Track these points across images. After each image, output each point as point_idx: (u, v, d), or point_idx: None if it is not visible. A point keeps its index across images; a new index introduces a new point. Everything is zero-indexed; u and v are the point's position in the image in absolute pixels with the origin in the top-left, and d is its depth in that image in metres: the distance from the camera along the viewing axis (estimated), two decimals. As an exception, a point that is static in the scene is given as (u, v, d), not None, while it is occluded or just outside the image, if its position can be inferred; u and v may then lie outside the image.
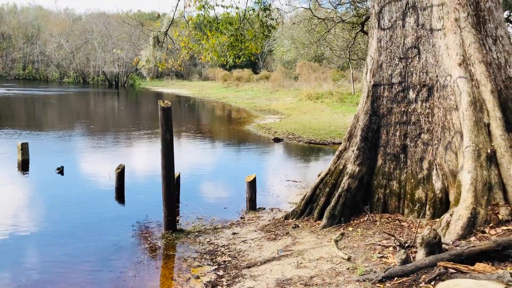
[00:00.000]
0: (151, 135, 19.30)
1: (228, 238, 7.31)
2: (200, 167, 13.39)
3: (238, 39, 8.06)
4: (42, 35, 77.70)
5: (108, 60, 66.73)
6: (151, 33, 8.55)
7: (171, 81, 67.87)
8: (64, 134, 19.00)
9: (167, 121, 7.48)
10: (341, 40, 24.33)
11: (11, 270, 6.20)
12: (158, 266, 6.47)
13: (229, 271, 5.91)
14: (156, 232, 7.70)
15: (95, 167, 12.59)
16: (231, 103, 37.77)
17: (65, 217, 8.55)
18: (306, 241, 6.57)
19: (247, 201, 8.99)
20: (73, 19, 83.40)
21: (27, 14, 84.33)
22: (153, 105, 33.89)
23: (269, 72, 50.62)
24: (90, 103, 38.54)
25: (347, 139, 7.76)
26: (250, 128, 21.93)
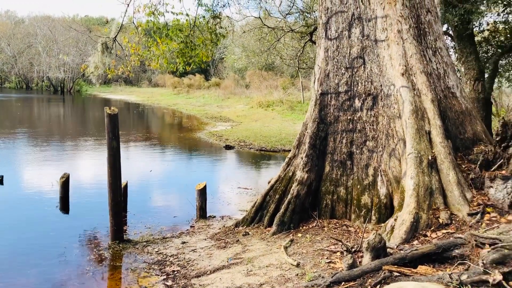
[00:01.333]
0: (97, 142, 18.73)
1: (178, 247, 7.20)
2: (149, 175, 13.13)
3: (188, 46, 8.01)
4: (-19, 38, 73.86)
5: (53, 65, 64.34)
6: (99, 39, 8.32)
7: (120, 87, 66.38)
8: (5, 142, 18.09)
9: (113, 128, 7.30)
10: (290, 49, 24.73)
11: None
12: (105, 278, 6.26)
13: (178, 281, 5.81)
14: (103, 243, 7.46)
15: (38, 176, 12.05)
16: (181, 110, 37.39)
17: (5, 228, 8.12)
18: (256, 249, 6.58)
19: (197, 209, 8.90)
20: (15, 22, 79.90)
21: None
22: (100, 112, 32.94)
23: (220, 80, 50.64)
24: (34, 109, 36.97)
25: (296, 147, 7.87)
26: (201, 135, 21.79)
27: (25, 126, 24.93)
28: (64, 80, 64.82)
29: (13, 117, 29.46)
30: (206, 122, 28.18)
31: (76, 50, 63.21)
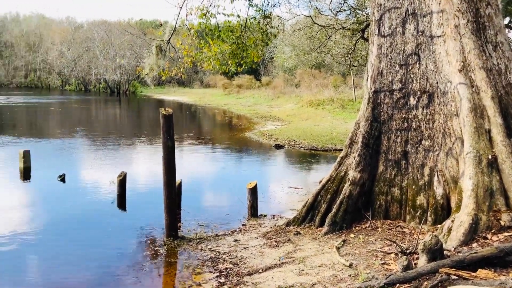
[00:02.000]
0: (152, 142, 19.33)
1: (230, 245, 7.30)
2: (201, 174, 13.41)
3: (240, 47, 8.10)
4: (44, 43, 78.18)
5: (109, 68, 67.03)
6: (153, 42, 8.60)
7: (173, 89, 68.07)
8: (66, 142, 19.05)
9: (168, 129, 7.51)
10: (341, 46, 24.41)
11: (13, 280, 6.19)
12: (160, 273, 6.47)
13: (231, 278, 5.90)
14: (158, 239, 7.70)
15: (96, 175, 12.61)
16: (232, 110, 37.84)
17: (67, 224, 8.56)
18: (307, 248, 6.57)
19: (248, 208, 8.99)
20: (75, 27, 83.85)
21: (30, 22, 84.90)
22: (154, 113, 33.98)
23: (270, 79, 50.75)
24: (92, 110, 38.64)
25: (348, 146, 7.77)
26: (251, 135, 21.96)
27: (84, 126, 26.13)
28: (120, 82, 67.34)
29: (73, 118, 30.95)
30: (256, 122, 28.36)
31: (131, 53, 65.49)
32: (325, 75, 40.74)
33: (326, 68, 40.69)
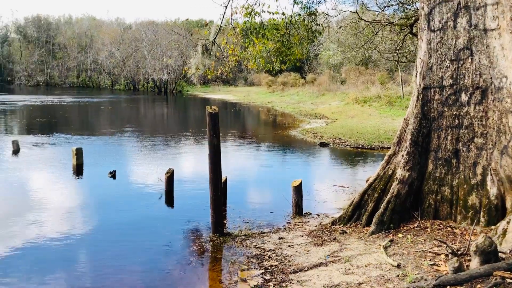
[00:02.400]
0: (198, 140, 19.66)
1: (275, 242, 7.32)
2: (246, 171, 13.51)
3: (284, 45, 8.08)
4: (94, 44, 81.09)
5: (157, 68, 68.72)
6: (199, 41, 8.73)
7: (218, 87, 68.88)
8: (116, 139, 19.70)
9: (214, 127, 7.61)
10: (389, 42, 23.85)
11: (65, 272, 6.47)
12: (206, 269, 6.58)
13: (276, 276, 5.92)
14: (204, 235, 7.83)
15: (145, 171, 12.96)
16: (276, 108, 37.84)
17: (117, 219, 8.85)
18: (354, 247, 6.48)
19: (293, 206, 8.97)
20: (124, 28, 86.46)
21: (81, 24, 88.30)
22: (200, 111, 34.53)
23: (315, 76, 50.34)
24: (140, 109, 39.75)
25: (396, 144, 7.60)
26: (296, 132, 21.88)
27: (133, 125, 26.93)
28: (167, 81, 68.89)
29: (122, 117, 31.96)
30: (301, 120, 28.23)
31: (178, 53, 66.85)
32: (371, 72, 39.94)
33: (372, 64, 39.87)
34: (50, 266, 6.56)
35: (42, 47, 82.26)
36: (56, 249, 7.22)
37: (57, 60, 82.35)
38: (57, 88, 72.84)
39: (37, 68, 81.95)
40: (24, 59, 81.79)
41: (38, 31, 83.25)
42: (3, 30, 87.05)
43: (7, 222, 8.40)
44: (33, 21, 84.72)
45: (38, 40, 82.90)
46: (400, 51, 21.56)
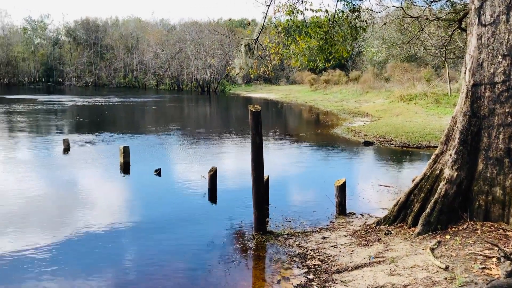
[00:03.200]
0: (241, 138, 19.80)
1: (318, 242, 7.27)
2: (288, 170, 13.48)
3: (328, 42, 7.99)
4: (140, 45, 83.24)
5: (200, 67, 69.73)
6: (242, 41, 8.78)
7: (260, 86, 69.11)
8: (161, 138, 20.16)
9: (256, 125, 7.63)
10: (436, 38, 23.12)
11: (109, 266, 6.68)
12: (249, 267, 6.62)
13: (319, 275, 5.88)
14: (247, 233, 7.88)
15: (189, 169, 13.19)
16: (318, 106, 37.55)
17: (162, 216, 9.06)
18: (399, 248, 6.34)
19: (336, 205, 8.88)
20: (168, 29, 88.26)
21: (128, 26, 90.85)
22: (242, 110, 34.76)
23: (358, 74, 49.54)
24: (184, 108, 40.45)
25: (444, 142, 7.37)
26: (339, 131, 21.62)
27: (177, 124, 27.46)
28: (210, 80, 69.79)
29: (167, 116, 32.65)
30: (344, 118, 27.87)
31: (221, 52, 67.55)
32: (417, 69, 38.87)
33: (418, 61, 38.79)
34: (96, 261, 6.78)
35: (91, 49, 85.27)
36: (102, 245, 7.46)
37: (105, 61, 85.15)
38: (105, 89, 75.29)
39: (85, 69, 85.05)
40: (74, 60, 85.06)
41: (86, 34, 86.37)
42: (54, 33, 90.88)
43: (58, 218, 8.77)
44: (82, 24, 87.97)
45: (86, 42, 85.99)
46: (448, 47, 20.84)
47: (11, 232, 7.87)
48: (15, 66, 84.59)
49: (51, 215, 8.94)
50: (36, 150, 16.71)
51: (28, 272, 6.29)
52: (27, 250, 7.06)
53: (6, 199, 9.93)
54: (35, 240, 7.49)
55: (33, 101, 42.61)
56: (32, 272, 6.29)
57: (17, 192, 10.45)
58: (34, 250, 7.05)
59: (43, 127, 24.22)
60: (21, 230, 7.99)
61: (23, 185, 11.10)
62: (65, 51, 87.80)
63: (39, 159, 14.80)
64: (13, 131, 21.94)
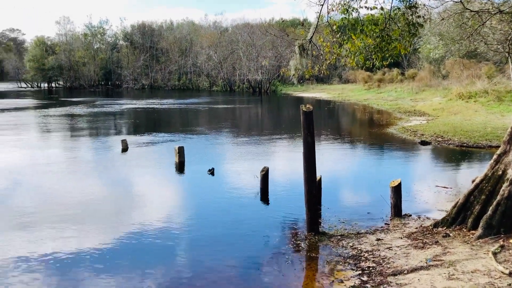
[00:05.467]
0: (292, 139, 19.77)
1: (372, 243, 7.14)
2: (341, 170, 13.31)
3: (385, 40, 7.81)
4: (194, 48, 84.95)
5: (252, 68, 70.25)
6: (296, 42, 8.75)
7: (311, 86, 68.57)
8: (214, 139, 20.51)
9: (309, 125, 7.60)
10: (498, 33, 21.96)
11: (163, 263, 6.85)
12: (302, 267, 6.61)
13: (374, 277, 5.78)
14: (299, 233, 7.87)
15: (241, 169, 13.34)
16: (372, 105, 36.80)
17: (215, 214, 9.22)
18: (458, 252, 6.11)
19: (391, 207, 8.67)
20: (221, 31, 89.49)
21: (182, 29, 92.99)
22: (293, 110, 34.66)
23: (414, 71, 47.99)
24: (236, 109, 40.90)
25: (507, 142, 7.01)
26: (394, 130, 21.09)
27: (230, 124, 27.82)
28: (261, 81, 70.12)
29: (219, 117, 33.14)
30: (399, 117, 27.15)
31: (273, 53, 67.71)
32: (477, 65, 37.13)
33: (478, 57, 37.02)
34: (151, 258, 6.99)
35: (147, 52, 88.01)
36: (157, 242, 7.68)
37: (160, 64, 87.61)
38: (160, 91, 77.52)
39: (142, 72, 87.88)
40: (131, 64, 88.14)
41: (143, 38, 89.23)
42: (112, 38, 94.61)
43: (116, 215, 9.15)
44: (139, 28, 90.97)
45: (143, 46, 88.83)
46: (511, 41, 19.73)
47: (72, 228, 8.29)
48: (77, 70, 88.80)
49: (110, 213, 9.33)
50: (96, 150, 17.50)
51: (87, 267, 6.62)
52: (87, 245, 7.41)
53: (68, 197, 10.47)
54: (94, 236, 7.86)
55: (93, 103, 44.64)
56: (90, 267, 6.61)
57: (78, 190, 10.99)
58: (93, 246, 7.39)
59: (103, 129, 25.31)
60: (82, 226, 8.40)
61: (84, 184, 11.67)
62: (122, 55, 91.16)
63: (99, 159, 15.49)
64: (75, 133, 23.10)
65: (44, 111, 35.75)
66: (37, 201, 10.04)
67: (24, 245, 7.45)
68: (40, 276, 6.31)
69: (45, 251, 7.18)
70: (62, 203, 9.86)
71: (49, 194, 10.66)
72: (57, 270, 6.52)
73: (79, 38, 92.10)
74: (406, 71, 50.40)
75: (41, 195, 10.60)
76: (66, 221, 8.64)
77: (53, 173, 12.81)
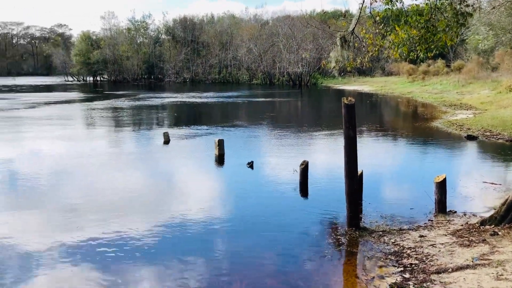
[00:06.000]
0: (333, 132, 19.53)
1: (415, 240, 6.96)
2: (383, 165, 13.04)
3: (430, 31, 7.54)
4: (234, 41, 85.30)
5: (292, 61, 69.85)
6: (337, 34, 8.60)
7: (353, 78, 67.48)
8: (254, 132, 20.56)
9: (350, 118, 7.46)
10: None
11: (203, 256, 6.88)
12: (342, 262, 6.53)
13: (416, 275, 5.63)
14: (339, 228, 7.77)
15: (280, 163, 13.29)
16: (416, 98, 35.84)
17: (254, 208, 9.23)
18: (507, 251, 5.86)
19: (435, 203, 8.41)
20: (261, 24, 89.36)
21: (222, 23, 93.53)
22: (334, 103, 34.23)
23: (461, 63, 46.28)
24: (275, 102, 40.81)
25: (562, 137, 6.64)
26: (439, 124, 20.46)
27: (269, 117, 27.78)
28: (301, 74, 69.63)
29: (259, 110, 33.16)
30: (444, 111, 26.30)
31: (313, 45, 67.07)
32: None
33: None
34: (190, 250, 7.05)
35: (188, 46, 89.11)
36: (196, 233, 7.77)
37: (201, 57, 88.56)
38: (201, 84, 78.42)
39: (183, 66, 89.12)
40: (173, 58, 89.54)
41: (184, 32, 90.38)
42: (155, 32, 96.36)
43: (156, 206, 9.33)
44: (180, 22, 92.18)
45: (184, 39, 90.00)
46: None
47: (115, 218, 8.50)
48: (121, 64, 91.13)
49: (152, 203, 9.53)
50: (139, 142, 17.94)
51: (128, 256, 6.77)
52: (129, 235, 7.59)
53: (112, 187, 10.78)
54: (136, 226, 8.02)
55: (135, 97, 45.71)
56: (132, 257, 6.76)
57: (122, 181, 11.30)
58: (135, 236, 7.56)
59: (146, 121, 25.89)
60: (124, 216, 8.60)
61: (127, 175, 11.99)
62: (164, 49, 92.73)
63: (142, 151, 15.87)
64: (118, 125, 23.75)
65: (89, 104, 36.97)
66: (82, 191, 10.38)
67: (67, 233, 7.72)
68: (82, 264, 6.52)
69: (88, 239, 7.41)
70: (106, 194, 10.17)
71: (93, 184, 11.01)
72: (99, 258, 6.72)
73: (123, 32, 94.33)
74: (452, 63, 48.65)
75: (86, 185, 10.96)
76: (109, 211, 8.89)
77: (98, 164, 13.23)
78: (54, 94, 52.87)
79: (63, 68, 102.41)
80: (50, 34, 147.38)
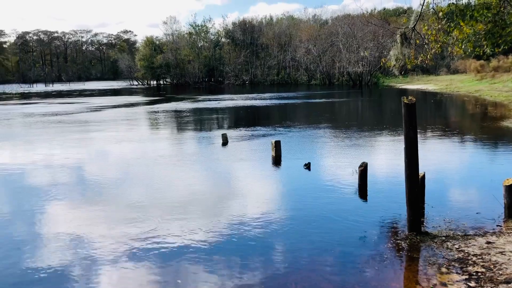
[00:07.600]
0: (394, 133, 18.95)
1: (481, 247, 6.58)
2: (447, 167, 12.46)
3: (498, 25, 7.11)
4: (292, 42, 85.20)
5: (352, 60, 68.63)
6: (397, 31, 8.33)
7: (416, 77, 65.23)
8: (311, 133, 20.37)
9: (411, 118, 7.19)
10: None
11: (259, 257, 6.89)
12: (402, 267, 6.30)
13: (483, 284, 5.31)
14: (399, 232, 7.51)
15: (339, 164, 13.08)
16: (485, 97, 33.99)
17: (311, 210, 9.12)
18: None
19: (505, 207, 7.91)
20: (320, 24, 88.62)
21: (281, 24, 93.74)
22: (396, 103, 33.21)
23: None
24: (335, 103, 40.26)
25: None
26: (509, 124, 19.26)
27: (327, 118, 27.45)
28: (362, 73, 68.25)
29: (317, 111, 32.87)
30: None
31: (374, 44, 65.54)
32: None
33: None
34: (247, 251, 7.06)
35: (247, 49, 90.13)
36: (254, 236, 7.75)
37: (260, 59, 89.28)
38: (260, 86, 78.95)
39: (242, 68, 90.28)
40: (232, 60, 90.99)
41: (243, 34, 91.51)
42: (215, 36, 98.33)
43: (214, 207, 9.44)
44: (240, 25, 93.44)
45: (243, 42, 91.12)
46: None
47: (176, 218, 8.71)
48: (183, 68, 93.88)
49: (211, 204, 9.69)
50: (199, 143, 18.34)
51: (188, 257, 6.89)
52: (189, 236, 7.74)
53: (173, 188, 11.08)
54: (194, 227, 8.16)
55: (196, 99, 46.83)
56: (191, 257, 6.88)
57: (181, 182, 11.59)
58: (193, 237, 7.67)
59: (205, 123, 26.45)
60: (183, 217, 8.79)
61: (188, 175, 12.28)
62: (224, 52, 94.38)
63: (202, 152, 16.21)
64: (179, 127, 24.43)
65: (152, 107, 38.32)
66: (145, 190, 10.78)
67: (131, 229, 8.01)
68: (143, 262, 6.73)
69: (149, 236, 7.65)
70: (167, 194, 10.46)
71: (156, 184, 11.38)
72: (159, 255, 6.91)
73: (184, 37, 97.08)
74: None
75: (149, 184, 11.36)
76: (170, 211, 9.13)
77: (160, 164, 13.67)
78: (121, 97, 55.39)
79: (129, 72, 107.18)
80: (117, 41, 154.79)
